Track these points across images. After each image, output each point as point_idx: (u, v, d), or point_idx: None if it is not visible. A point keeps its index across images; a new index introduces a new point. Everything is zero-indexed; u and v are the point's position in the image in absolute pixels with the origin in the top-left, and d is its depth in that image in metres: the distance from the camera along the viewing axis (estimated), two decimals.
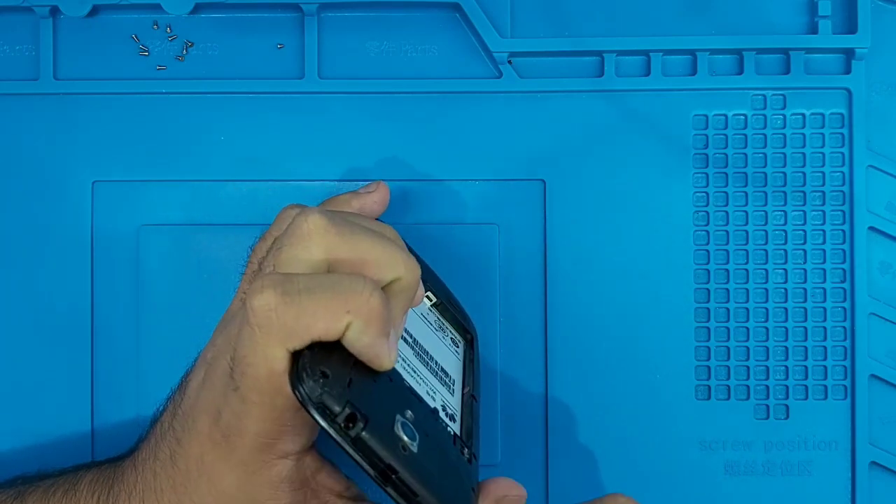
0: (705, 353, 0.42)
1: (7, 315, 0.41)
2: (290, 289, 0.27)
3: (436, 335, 0.37)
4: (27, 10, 0.41)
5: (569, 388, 0.41)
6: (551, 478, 0.41)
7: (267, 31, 0.42)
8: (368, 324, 0.28)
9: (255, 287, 0.27)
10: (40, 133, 0.42)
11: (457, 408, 0.34)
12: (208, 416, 0.31)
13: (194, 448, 0.31)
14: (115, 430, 0.41)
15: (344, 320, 0.27)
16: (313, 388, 0.27)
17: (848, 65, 0.42)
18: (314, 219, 0.29)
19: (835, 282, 0.42)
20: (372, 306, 0.28)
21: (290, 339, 0.27)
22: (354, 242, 0.29)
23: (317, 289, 0.27)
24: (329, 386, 0.27)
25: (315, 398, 0.26)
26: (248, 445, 0.30)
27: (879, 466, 0.41)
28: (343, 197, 0.38)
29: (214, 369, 0.31)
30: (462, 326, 0.39)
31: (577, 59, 0.42)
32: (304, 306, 0.27)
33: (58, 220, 0.41)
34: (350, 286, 0.28)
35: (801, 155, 0.42)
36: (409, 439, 0.28)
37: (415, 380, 0.32)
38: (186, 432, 0.32)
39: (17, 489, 0.36)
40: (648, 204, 0.42)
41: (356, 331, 0.28)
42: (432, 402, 0.32)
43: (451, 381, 0.35)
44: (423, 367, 0.34)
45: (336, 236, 0.29)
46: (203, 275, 0.41)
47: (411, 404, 0.30)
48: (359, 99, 0.42)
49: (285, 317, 0.27)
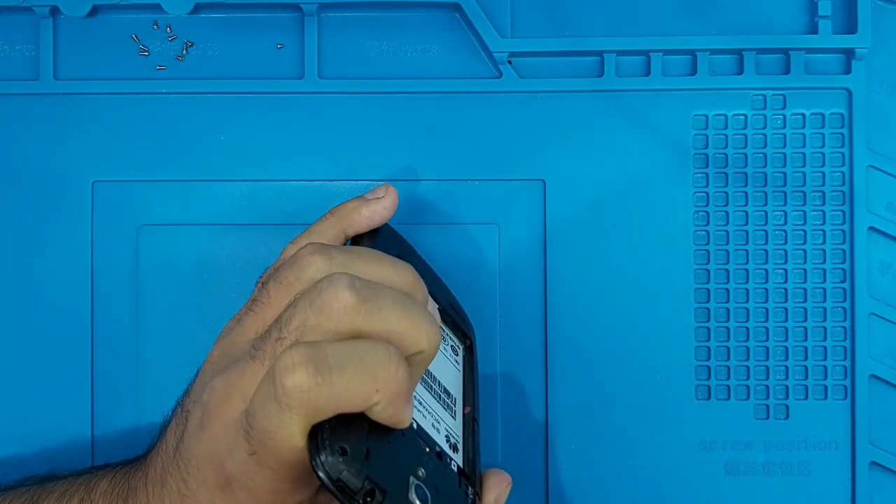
0: (705, 353, 0.42)
1: (7, 315, 0.41)
2: (322, 367, 0.27)
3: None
4: (27, 10, 0.41)
5: (569, 389, 0.41)
6: (551, 478, 0.41)
7: (267, 31, 0.42)
8: (396, 397, 0.28)
9: (286, 364, 0.27)
10: (40, 133, 0.42)
11: (459, 435, 0.35)
12: (213, 468, 0.30)
13: (203, 495, 0.31)
14: (115, 430, 0.41)
15: (374, 399, 0.27)
16: (333, 465, 0.27)
17: (848, 65, 0.42)
18: (344, 297, 0.28)
19: (835, 282, 0.42)
20: (399, 380, 0.28)
21: (316, 417, 0.27)
22: (383, 318, 0.29)
23: (347, 366, 0.27)
24: (348, 463, 0.27)
25: (335, 476, 0.27)
26: (261, 500, 0.30)
27: (879, 466, 0.41)
28: (351, 205, 0.37)
29: (214, 419, 0.30)
30: (462, 331, 0.39)
31: (577, 59, 0.42)
32: (336, 385, 0.27)
33: (58, 220, 0.41)
34: (378, 361, 0.28)
35: (801, 155, 0.42)
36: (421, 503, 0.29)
37: (422, 415, 0.33)
38: (192, 477, 0.31)
39: (31, 492, 0.36)
40: (648, 204, 0.42)
41: (384, 405, 0.28)
42: (437, 436, 0.33)
43: (452, 401, 0.35)
44: (428, 393, 0.34)
45: (366, 315, 0.29)
46: (203, 275, 0.41)
47: (422, 458, 0.30)
48: (359, 99, 0.42)
49: (318, 399, 0.27)
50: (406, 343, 0.29)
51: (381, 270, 0.31)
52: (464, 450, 0.34)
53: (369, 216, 0.37)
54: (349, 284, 0.29)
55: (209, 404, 0.31)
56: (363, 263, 0.31)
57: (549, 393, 0.41)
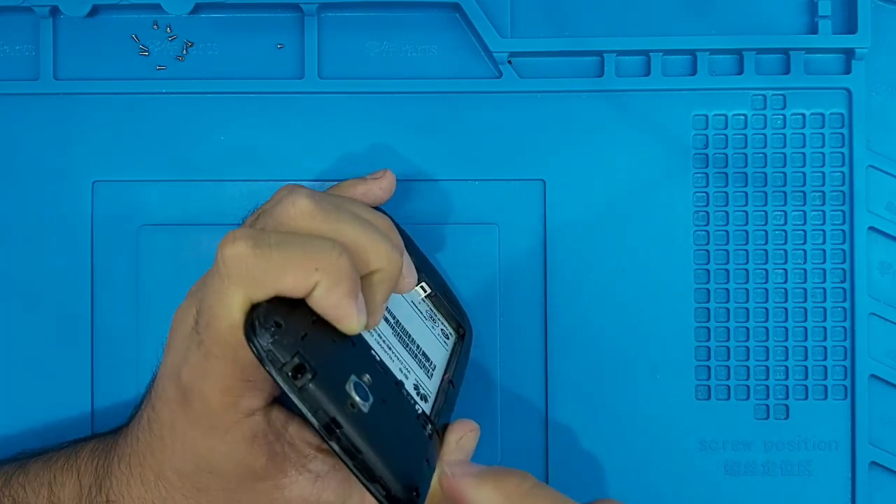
0: (705, 353, 0.42)
1: (7, 315, 0.41)
2: (262, 242, 0.28)
3: (424, 323, 0.37)
4: (27, 10, 0.41)
5: (569, 388, 0.41)
6: (551, 478, 0.41)
7: (267, 31, 0.42)
8: (336, 283, 0.28)
9: (228, 238, 0.28)
10: (40, 133, 0.42)
11: (432, 390, 0.35)
12: (172, 381, 0.31)
13: (165, 414, 0.31)
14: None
15: (313, 278, 0.28)
16: (264, 335, 0.27)
17: (848, 65, 0.42)
18: (301, 203, 0.29)
19: (835, 282, 0.42)
20: (340, 266, 0.28)
21: (255, 290, 0.28)
22: (340, 230, 0.30)
23: (288, 245, 0.28)
24: (281, 335, 0.27)
25: (265, 346, 0.27)
26: (214, 406, 0.30)
27: (879, 466, 0.41)
28: (349, 182, 0.38)
29: (177, 332, 0.31)
30: (455, 321, 0.39)
31: (577, 59, 0.42)
32: (274, 259, 0.28)
33: (58, 219, 0.41)
34: (321, 246, 0.28)
35: (801, 155, 0.42)
36: (360, 399, 0.28)
37: (388, 355, 0.33)
38: (158, 398, 0.32)
39: (20, 461, 0.37)
40: (648, 204, 0.42)
41: (323, 289, 0.28)
42: (401, 377, 0.32)
43: (431, 365, 0.35)
44: (401, 346, 0.34)
45: (321, 222, 0.29)
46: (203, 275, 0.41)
47: (373, 371, 0.30)
48: (359, 99, 0.42)
49: (254, 268, 0.28)
50: (361, 255, 0.30)
51: (352, 203, 0.32)
52: (434, 403, 0.34)
53: (364, 193, 0.38)
54: (308, 194, 0.30)
55: (174, 322, 0.32)
56: (337, 194, 0.32)
57: (549, 393, 0.41)
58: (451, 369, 0.37)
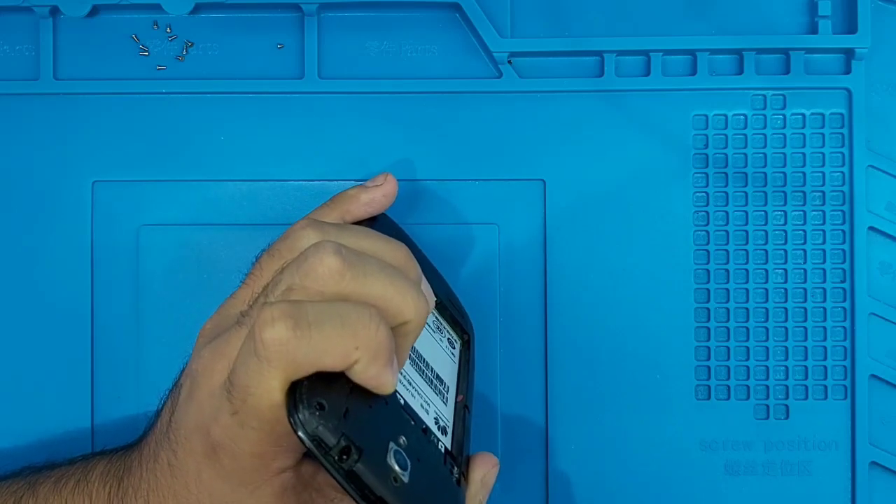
0: (705, 353, 0.42)
1: (7, 315, 0.41)
2: (301, 322, 0.27)
3: (433, 337, 0.37)
4: (27, 10, 0.41)
5: (569, 388, 0.41)
6: (551, 478, 0.41)
7: (267, 31, 0.42)
8: (375, 357, 0.28)
9: (266, 318, 0.27)
10: (40, 133, 0.42)
11: (449, 419, 0.35)
12: (199, 435, 0.30)
13: (190, 464, 0.31)
14: (116, 430, 0.41)
15: (353, 356, 0.27)
16: (309, 420, 0.27)
17: (848, 65, 0.42)
18: (329, 262, 0.29)
19: (835, 282, 0.42)
20: (380, 340, 0.28)
21: (296, 372, 0.27)
22: (368, 284, 0.29)
23: (326, 322, 0.27)
24: (325, 418, 0.27)
25: (311, 431, 0.27)
26: (245, 466, 0.30)
27: (879, 466, 0.41)
28: (351, 192, 0.38)
29: (200, 386, 0.31)
30: (460, 326, 0.39)
31: (577, 59, 0.42)
32: (314, 340, 0.27)
33: (58, 220, 0.41)
34: (358, 319, 0.28)
35: (801, 155, 0.42)
36: (400, 469, 0.28)
37: (410, 393, 0.33)
38: (181, 447, 0.31)
39: (28, 479, 0.36)
40: (648, 204, 0.42)
41: (363, 364, 0.28)
42: (425, 416, 0.33)
43: (444, 388, 0.35)
44: (419, 376, 0.34)
45: (351, 280, 0.29)
46: (203, 275, 0.41)
47: (405, 428, 0.30)
48: (359, 99, 0.42)
49: (295, 351, 0.27)
50: (391, 310, 0.29)
51: (372, 244, 0.32)
52: (453, 433, 0.34)
53: (368, 202, 0.37)
54: (335, 250, 0.29)
55: (196, 373, 0.31)
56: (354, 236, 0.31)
57: (549, 393, 0.41)
58: (463, 388, 0.37)
